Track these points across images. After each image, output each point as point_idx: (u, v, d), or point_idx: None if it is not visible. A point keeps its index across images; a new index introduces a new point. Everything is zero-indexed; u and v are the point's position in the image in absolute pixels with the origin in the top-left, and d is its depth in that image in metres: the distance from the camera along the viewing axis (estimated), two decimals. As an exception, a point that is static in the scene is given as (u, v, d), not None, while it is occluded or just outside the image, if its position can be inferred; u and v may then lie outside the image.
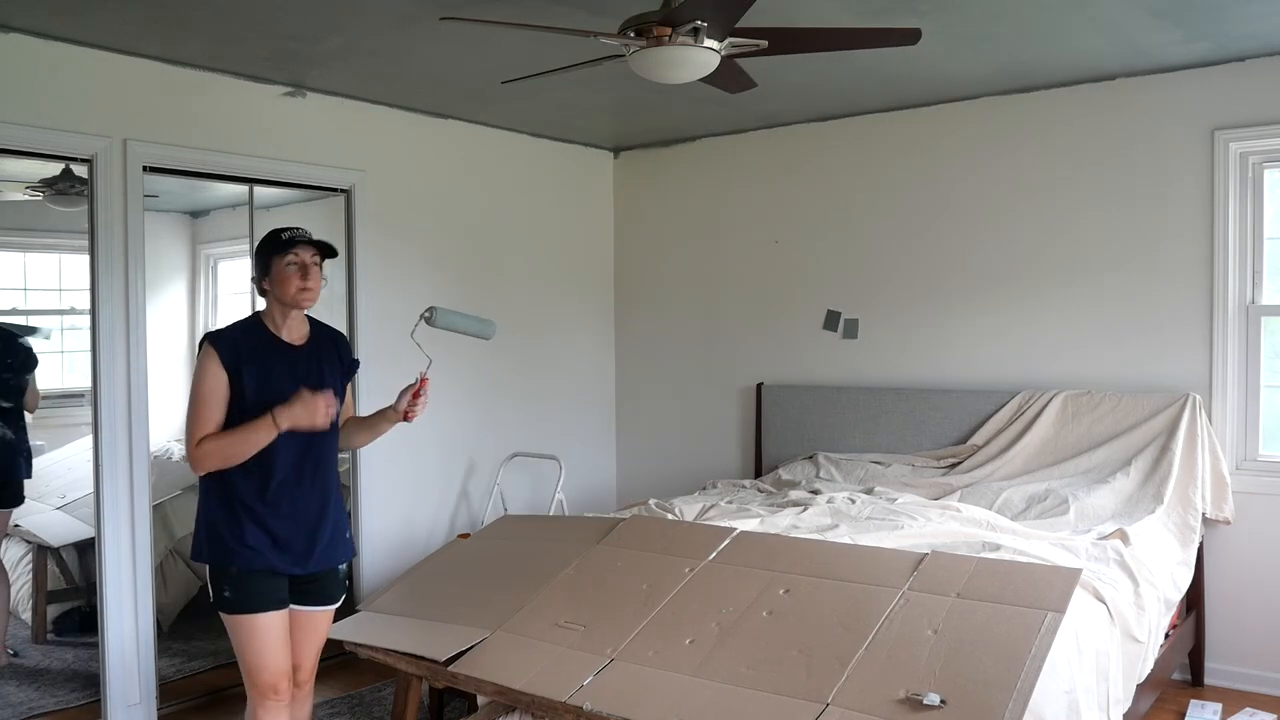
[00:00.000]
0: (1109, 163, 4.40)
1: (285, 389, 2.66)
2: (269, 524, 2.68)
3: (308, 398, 2.64)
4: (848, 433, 5.02)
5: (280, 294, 2.73)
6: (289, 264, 2.71)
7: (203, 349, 2.68)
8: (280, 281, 2.72)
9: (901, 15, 3.45)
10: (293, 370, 2.74)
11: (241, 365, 2.65)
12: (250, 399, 2.64)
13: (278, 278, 2.72)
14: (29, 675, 4.20)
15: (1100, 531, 3.63)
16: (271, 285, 2.73)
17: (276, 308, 2.77)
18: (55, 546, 4.46)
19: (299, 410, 2.62)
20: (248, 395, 2.64)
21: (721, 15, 2.71)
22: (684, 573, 3.17)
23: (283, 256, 2.71)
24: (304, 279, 2.71)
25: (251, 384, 2.65)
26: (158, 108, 3.95)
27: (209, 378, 2.64)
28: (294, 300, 2.73)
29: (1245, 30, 3.73)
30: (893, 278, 5.01)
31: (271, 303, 2.77)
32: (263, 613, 2.70)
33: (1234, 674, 4.19)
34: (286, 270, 2.71)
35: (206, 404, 2.63)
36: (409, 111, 4.86)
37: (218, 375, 2.64)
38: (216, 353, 2.65)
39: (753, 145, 5.46)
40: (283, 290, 2.72)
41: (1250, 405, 4.19)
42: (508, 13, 3.35)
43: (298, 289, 2.71)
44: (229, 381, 2.64)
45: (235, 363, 2.65)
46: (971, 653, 2.52)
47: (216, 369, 2.64)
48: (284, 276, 2.71)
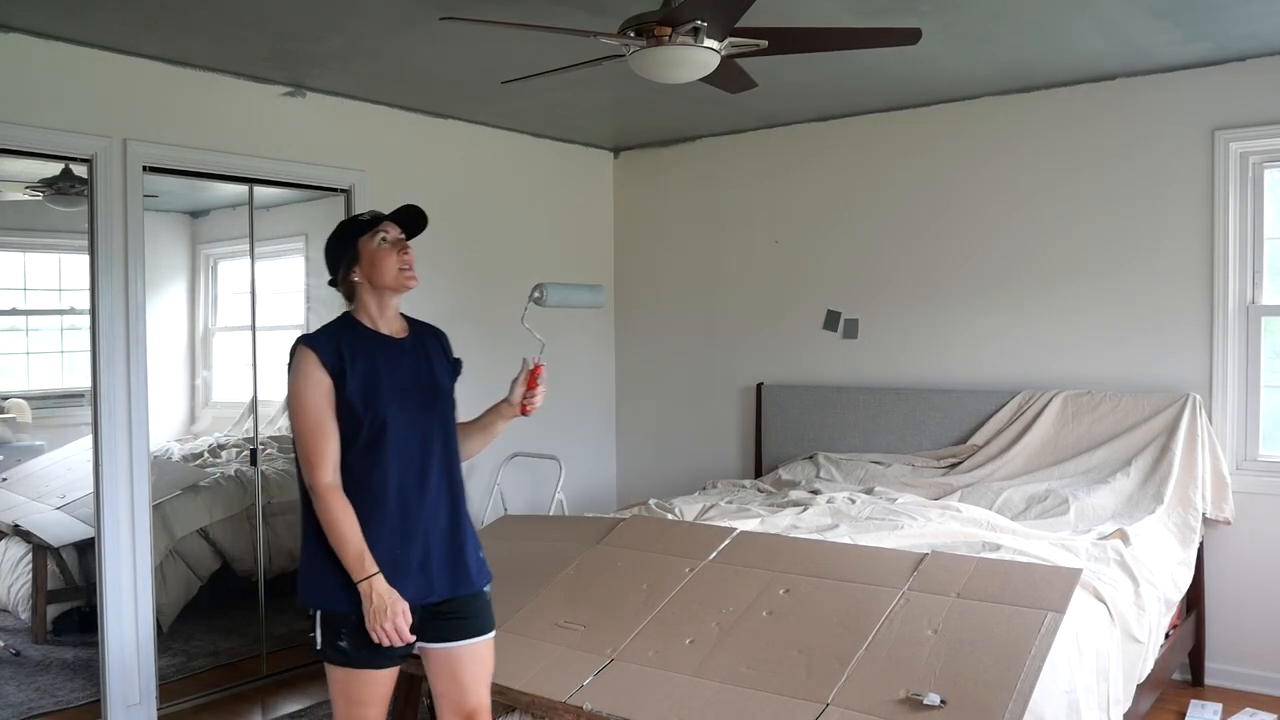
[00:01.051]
0: (1109, 163, 4.40)
1: (394, 385, 2.35)
2: (389, 546, 2.30)
3: (395, 616, 2.25)
4: (848, 433, 5.01)
5: (378, 277, 2.38)
6: (381, 240, 2.38)
7: (297, 353, 2.32)
8: (376, 263, 2.37)
9: (901, 15, 3.45)
10: (399, 366, 2.39)
11: (345, 364, 2.30)
12: (357, 400, 2.30)
13: (371, 260, 2.37)
14: (29, 675, 4.20)
15: (1100, 531, 3.63)
16: (364, 271, 2.38)
17: (371, 298, 2.41)
18: (55, 546, 4.46)
19: (378, 609, 2.23)
20: (352, 396, 2.29)
21: (721, 15, 2.71)
22: (684, 573, 3.17)
23: (372, 236, 2.38)
24: (405, 254, 2.39)
25: (356, 382, 2.30)
26: (158, 108, 3.95)
27: (312, 388, 2.28)
28: (396, 282, 2.38)
29: (1245, 30, 3.73)
30: (893, 278, 5.01)
31: (364, 294, 2.41)
32: (384, 669, 2.33)
33: (1234, 674, 4.19)
34: (380, 249, 2.37)
35: (320, 431, 2.28)
36: (409, 111, 4.86)
37: (320, 382, 2.29)
38: (316, 355, 2.30)
39: (753, 145, 5.46)
40: (380, 272, 2.37)
41: (1250, 405, 4.19)
42: (508, 13, 3.35)
43: (399, 267, 2.38)
44: (333, 386, 2.30)
45: (338, 363, 2.30)
46: (971, 653, 2.52)
47: (318, 374, 2.29)
48: (379, 256, 2.37)
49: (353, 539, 2.25)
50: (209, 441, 4.96)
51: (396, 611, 2.24)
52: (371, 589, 2.23)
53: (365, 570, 2.23)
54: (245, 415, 4.74)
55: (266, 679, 4.44)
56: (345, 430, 2.30)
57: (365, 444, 2.31)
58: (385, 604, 2.23)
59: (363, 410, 2.29)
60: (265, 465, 4.77)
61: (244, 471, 4.73)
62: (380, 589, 2.23)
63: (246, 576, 4.66)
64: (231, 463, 4.81)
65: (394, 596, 2.24)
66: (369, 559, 2.24)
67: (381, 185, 4.75)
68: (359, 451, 2.31)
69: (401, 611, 2.25)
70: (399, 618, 2.24)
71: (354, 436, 2.31)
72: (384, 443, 2.31)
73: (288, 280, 5.07)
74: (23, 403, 4.65)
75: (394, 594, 2.24)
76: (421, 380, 2.41)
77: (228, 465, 4.80)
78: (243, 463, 4.75)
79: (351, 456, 2.31)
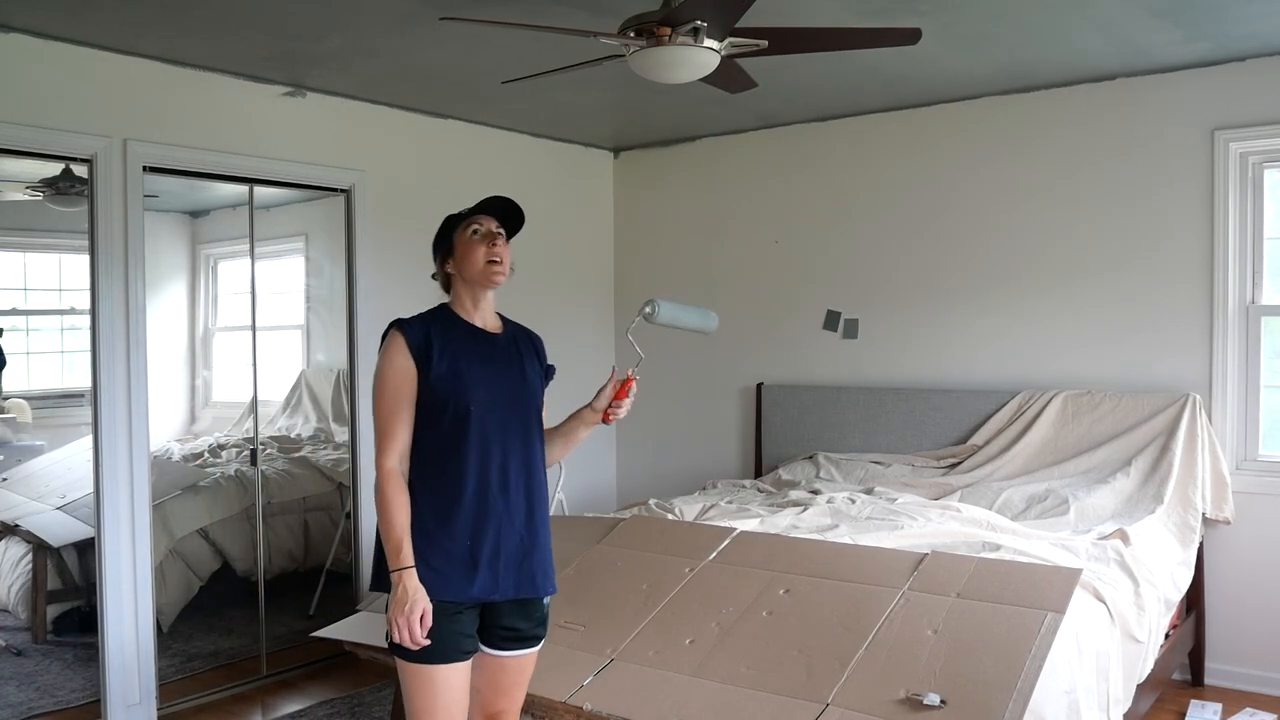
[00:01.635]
0: (1109, 163, 4.40)
1: (481, 378, 2.33)
2: (462, 537, 2.28)
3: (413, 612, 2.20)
4: (848, 433, 5.01)
5: (466, 270, 2.36)
6: (473, 232, 2.36)
7: (388, 336, 2.33)
8: (465, 256, 2.35)
9: (901, 15, 3.45)
10: (489, 359, 2.37)
11: (431, 350, 2.29)
12: (442, 386, 2.28)
13: (462, 253, 2.36)
14: (29, 675, 4.19)
15: (1100, 531, 3.63)
16: (456, 264, 2.38)
17: (465, 290, 2.40)
18: (55, 546, 4.45)
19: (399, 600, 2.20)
20: (437, 381, 2.28)
21: (721, 15, 2.71)
22: (684, 573, 3.17)
23: (465, 228, 2.37)
24: (492, 247, 2.35)
25: (443, 368, 2.28)
26: (157, 108, 3.95)
27: (394, 371, 2.29)
28: (482, 275, 2.35)
29: (1245, 30, 3.72)
30: (893, 278, 5.01)
31: (458, 286, 2.41)
32: (451, 664, 2.27)
33: (1234, 674, 4.19)
34: (470, 240, 2.35)
35: (394, 415, 2.28)
36: (409, 111, 4.86)
37: (403, 367, 2.29)
38: (404, 338, 2.30)
39: (753, 145, 5.45)
40: (469, 265, 2.35)
41: (1250, 405, 4.18)
42: (508, 13, 3.35)
43: (485, 261, 2.34)
44: (416, 371, 2.29)
45: (424, 348, 2.29)
46: (971, 653, 2.52)
47: (403, 360, 2.29)
48: (469, 248, 2.35)
49: (398, 526, 2.24)
50: (209, 441, 4.95)
51: (417, 610, 2.20)
52: (401, 580, 2.21)
53: (401, 561, 2.22)
54: (245, 415, 4.74)
55: (266, 679, 4.44)
56: (427, 415, 2.29)
57: (447, 431, 2.29)
58: (409, 599, 2.20)
59: (446, 396, 2.28)
60: (265, 465, 4.77)
61: (244, 471, 4.72)
62: (409, 583, 2.21)
63: (246, 576, 4.66)
64: (231, 463, 4.80)
65: (420, 595, 2.21)
66: (408, 551, 2.23)
67: (381, 185, 4.76)
68: (440, 438, 2.29)
69: (423, 612, 2.20)
70: (417, 616, 2.20)
71: (436, 422, 2.29)
72: (465, 432, 2.28)
73: (288, 280, 5.07)
74: (23, 403, 4.65)
75: (421, 592, 2.22)
76: (509, 377, 2.39)
77: (228, 465, 4.80)
78: (243, 463, 4.75)
79: (432, 442, 2.29)
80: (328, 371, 5.09)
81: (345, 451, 4.80)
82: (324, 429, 5.14)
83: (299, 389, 5.24)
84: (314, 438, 5.16)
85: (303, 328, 5.17)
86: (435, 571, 2.24)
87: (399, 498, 2.26)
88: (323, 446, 5.10)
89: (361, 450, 4.66)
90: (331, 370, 5.05)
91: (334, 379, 5.04)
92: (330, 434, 5.09)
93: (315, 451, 5.10)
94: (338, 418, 5.00)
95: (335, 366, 4.98)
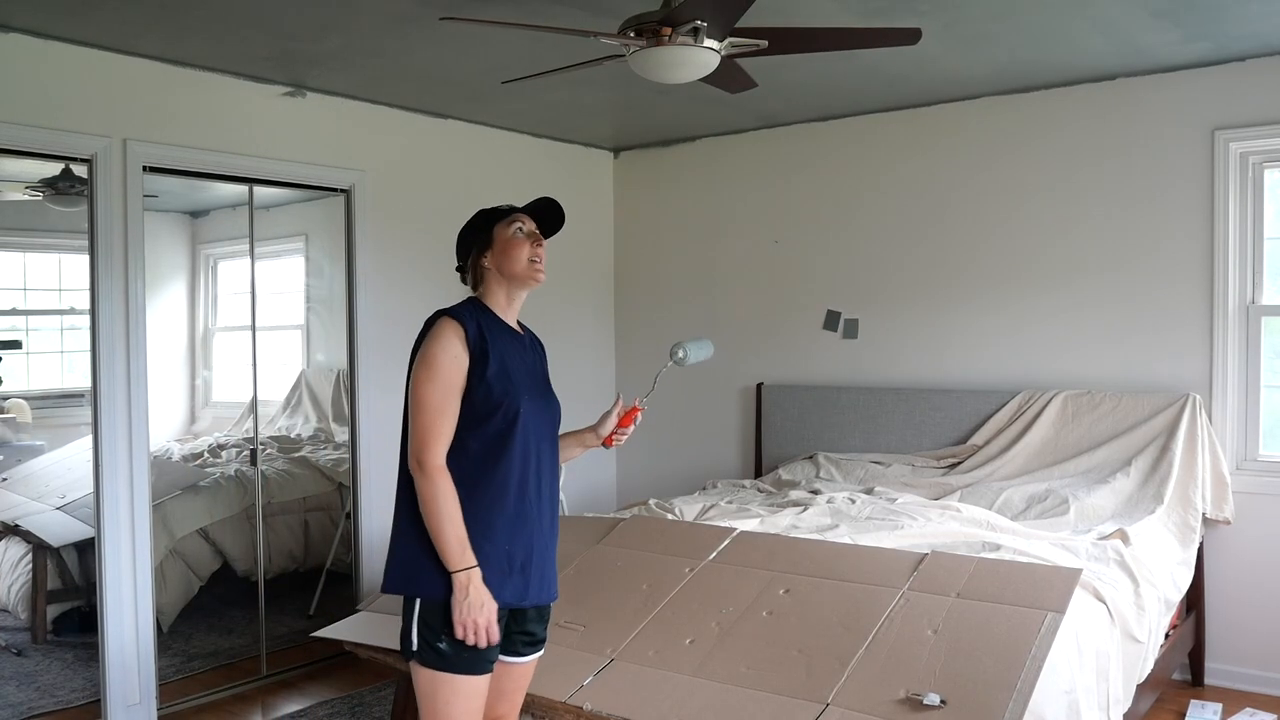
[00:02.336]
0: (1109, 163, 4.40)
1: (527, 376, 2.28)
2: (501, 543, 2.20)
3: (490, 613, 2.14)
4: (848, 433, 5.01)
5: (508, 265, 2.28)
6: (517, 230, 2.30)
7: (438, 324, 2.20)
8: (508, 251, 2.28)
9: (901, 15, 3.45)
10: (524, 359, 2.32)
11: (486, 344, 2.20)
12: (497, 384, 2.19)
13: (504, 248, 2.28)
14: (29, 675, 4.19)
15: (1100, 531, 3.63)
16: (495, 258, 2.29)
17: (500, 287, 2.31)
18: (55, 546, 4.45)
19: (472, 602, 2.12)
20: (493, 379, 2.18)
21: (721, 15, 2.71)
22: (684, 573, 3.17)
23: (508, 224, 2.30)
24: (537, 247, 2.30)
25: (497, 366, 2.20)
26: (157, 108, 3.95)
27: (449, 360, 2.16)
28: (525, 274, 2.29)
29: (1245, 30, 3.72)
30: (893, 278, 5.01)
31: (493, 282, 2.31)
32: (481, 675, 2.19)
33: (1234, 674, 4.19)
34: (515, 238, 2.29)
35: (443, 408, 2.15)
36: (409, 111, 4.86)
37: (459, 358, 2.17)
38: (462, 328, 2.19)
39: (753, 145, 5.45)
40: (511, 262, 2.28)
41: (1250, 405, 4.18)
42: (507, 13, 3.35)
43: (529, 260, 2.28)
44: (469, 366, 2.18)
45: (480, 342, 2.20)
46: (971, 653, 2.52)
47: (459, 349, 2.17)
48: (513, 245, 2.28)
49: (457, 523, 2.13)
50: (209, 441, 4.95)
51: (492, 610, 2.13)
52: (469, 581, 2.11)
53: (466, 560, 2.12)
54: (245, 415, 4.74)
55: (266, 679, 4.44)
56: (475, 414, 2.19)
57: (495, 433, 2.19)
58: (482, 599, 2.11)
59: (499, 396, 2.19)
60: (265, 465, 4.77)
61: (244, 471, 4.73)
62: (479, 583, 2.12)
63: (246, 576, 4.66)
64: (231, 463, 4.81)
65: (489, 595, 2.13)
66: (469, 548, 2.13)
67: (381, 185, 4.76)
68: (487, 440, 2.20)
69: (493, 610, 2.14)
70: (492, 616, 2.13)
71: (484, 422, 2.19)
72: (513, 434, 2.20)
73: (288, 280, 5.08)
74: (23, 403, 4.65)
75: (488, 593, 2.13)
76: (539, 379, 2.35)
77: (228, 465, 4.80)
78: (243, 463, 4.75)
79: (478, 443, 2.19)
80: (328, 371, 5.09)
81: (345, 451, 4.80)
82: (324, 429, 5.14)
83: (299, 389, 5.24)
84: (314, 438, 5.17)
85: (303, 328, 5.17)
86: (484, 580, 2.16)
87: (452, 495, 2.14)
88: (323, 446, 5.10)
89: (361, 450, 4.66)
90: (331, 370, 5.05)
91: (334, 379, 5.04)
92: (330, 434, 5.09)
93: (315, 451, 5.10)
94: (338, 418, 5.00)
95: (335, 366, 4.98)
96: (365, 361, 4.67)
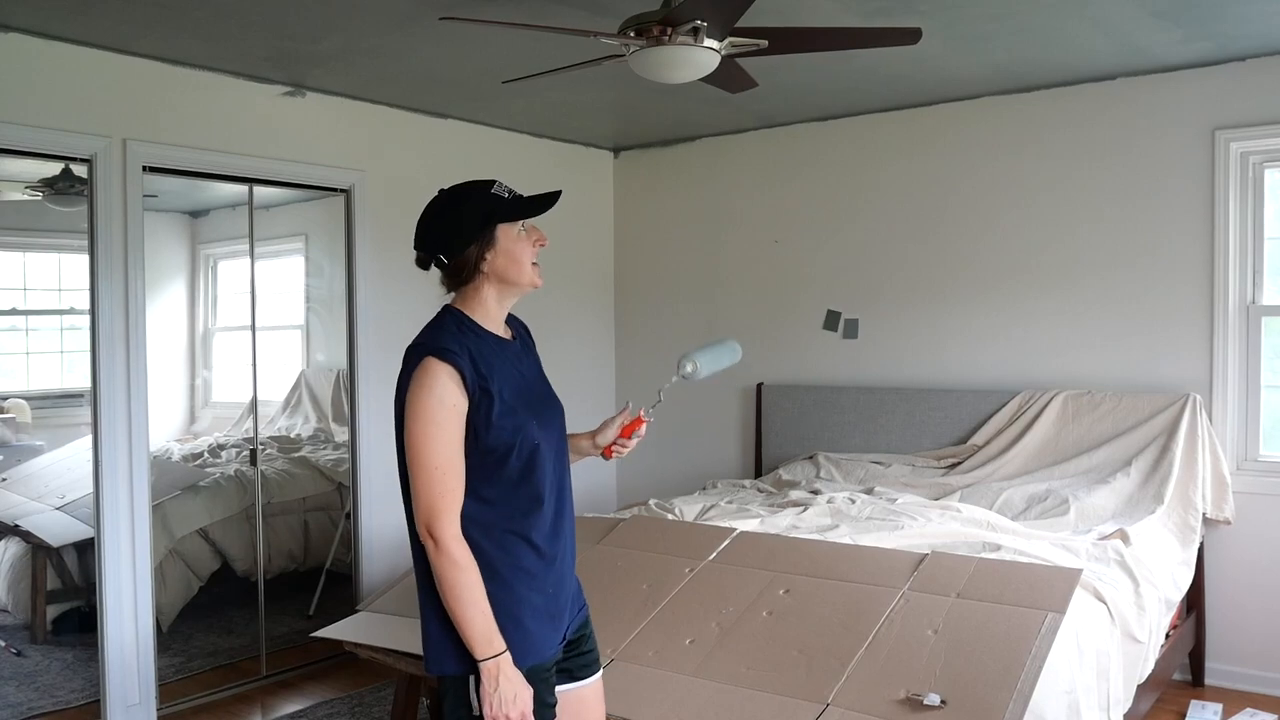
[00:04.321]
0: (1109, 163, 4.40)
1: (528, 398, 2.01)
2: (546, 595, 1.99)
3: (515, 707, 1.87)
4: (848, 433, 5.01)
5: (512, 271, 1.99)
6: (521, 229, 2.02)
7: (425, 368, 1.88)
8: (513, 256, 1.98)
9: (901, 15, 3.45)
10: (519, 372, 2.03)
11: (487, 382, 1.91)
12: (506, 425, 1.92)
13: (508, 252, 1.98)
14: (29, 675, 4.19)
15: (1100, 531, 3.63)
16: (494, 262, 1.98)
17: (493, 292, 2.01)
18: (55, 546, 4.45)
19: (504, 697, 1.86)
20: (500, 420, 1.91)
21: (721, 15, 2.71)
22: (684, 573, 3.17)
23: (513, 224, 2.00)
24: (537, 247, 2.05)
25: (503, 403, 1.92)
26: (157, 108, 3.95)
27: (447, 414, 1.87)
28: (530, 281, 2.02)
29: (1245, 30, 3.72)
30: (893, 278, 5.01)
31: (486, 287, 2.00)
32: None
33: (1234, 674, 4.19)
34: (519, 239, 2.00)
35: (450, 469, 1.87)
36: (409, 111, 4.86)
37: (458, 408, 1.88)
38: (459, 373, 1.88)
39: (753, 145, 5.45)
40: (516, 267, 1.99)
41: (1250, 405, 4.18)
42: (508, 13, 3.35)
43: (533, 266, 2.03)
44: (468, 410, 1.90)
45: (478, 380, 1.90)
46: (971, 653, 2.52)
47: (456, 397, 1.88)
48: (518, 247, 1.99)
49: (479, 604, 1.86)
50: (209, 441, 4.96)
51: (527, 699, 1.89)
52: (499, 670, 1.86)
53: (495, 646, 1.87)
54: (245, 415, 4.74)
55: (266, 679, 4.44)
56: (488, 462, 1.92)
57: (515, 475, 1.94)
58: (515, 690, 1.87)
59: (511, 435, 1.92)
60: (265, 465, 4.77)
61: (244, 471, 4.73)
62: (510, 671, 1.87)
63: (246, 576, 4.66)
64: (231, 463, 4.81)
65: (523, 681, 1.89)
66: (497, 632, 1.88)
67: (381, 185, 4.75)
68: (508, 485, 1.94)
69: (528, 699, 1.89)
70: (529, 704, 1.89)
71: (500, 468, 1.93)
72: (535, 473, 1.96)
73: (288, 280, 5.08)
74: (23, 403, 4.65)
75: (521, 677, 1.89)
76: (539, 389, 2.09)
77: (227, 465, 4.80)
78: (242, 463, 4.75)
79: (497, 491, 1.94)
80: (328, 371, 5.10)
81: (345, 451, 4.79)
82: (324, 429, 5.14)
83: (299, 389, 5.24)
84: (314, 438, 5.17)
85: (303, 328, 5.17)
86: (528, 633, 1.93)
87: (473, 570, 1.88)
88: (323, 446, 5.10)
89: (361, 450, 4.66)
90: (331, 370, 5.05)
91: (334, 379, 5.04)
92: (330, 434, 5.09)
93: (315, 451, 5.10)
94: (337, 418, 5.00)
95: (335, 366, 4.98)
96: (365, 361, 4.67)
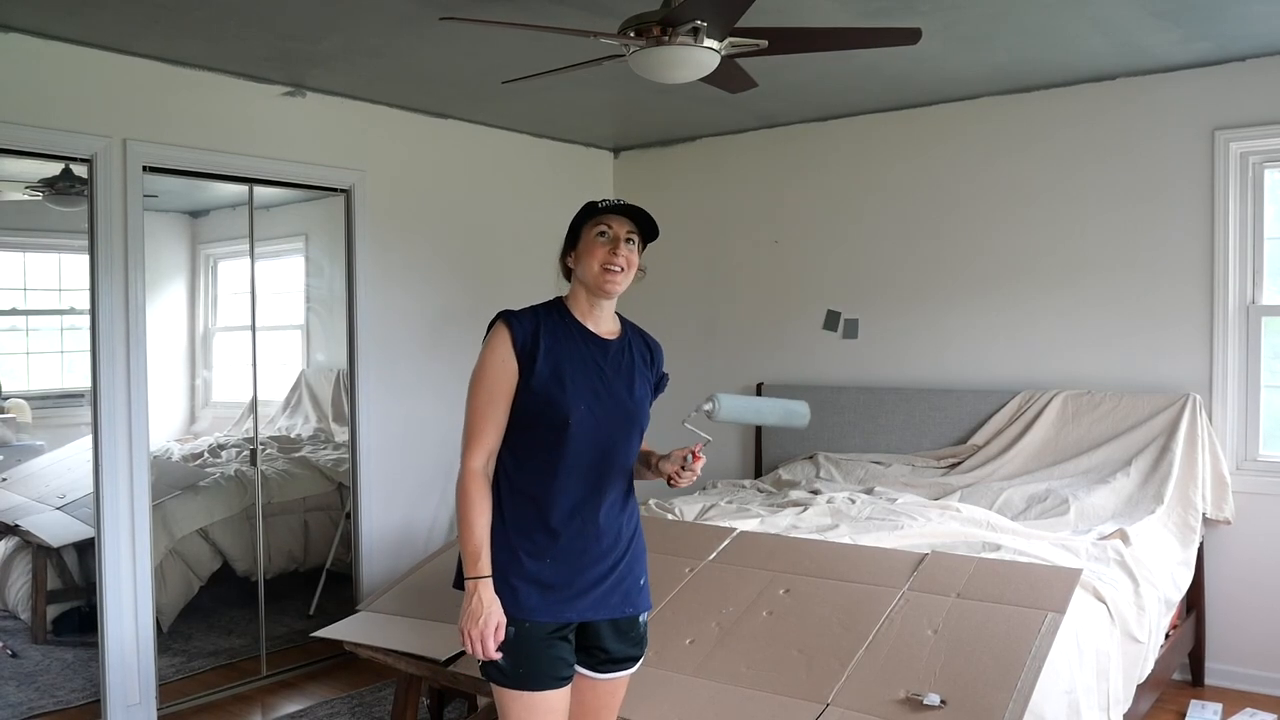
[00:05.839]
0: (1109, 163, 4.40)
1: (587, 385, 2.16)
2: (545, 559, 2.15)
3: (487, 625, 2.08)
4: (848, 433, 5.01)
5: (583, 270, 2.19)
6: (599, 233, 2.17)
7: (493, 328, 2.17)
8: (585, 255, 2.18)
9: (901, 15, 3.45)
10: (599, 366, 2.19)
11: (537, 349, 2.13)
12: (542, 389, 2.12)
13: (583, 251, 2.18)
14: (29, 675, 4.19)
15: (1100, 531, 3.63)
16: (576, 259, 2.21)
17: (581, 291, 2.23)
18: (55, 546, 4.46)
19: (472, 612, 2.08)
20: (538, 384, 2.12)
21: (721, 15, 2.71)
22: (684, 573, 3.17)
23: (593, 225, 2.18)
24: (613, 254, 2.16)
25: (546, 371, 2.12)
26: (157, 107, 3.95)
27: (493, 365, 2.13)
28: (595, 281, 2.17)
29: (1245, 30, 3.72)
30: (893, 278, 5.01)
31: (575, 285, 2.24)
32: (547, 690, 2.13)
33: (1234, 674, 4.19)
34: (595, 241, 2.17)
35: (485, 412, 2.13)
36: (409, 111, 4.86)
37: (505, 363, 2.13)
38: (509, 331, 2.14)
39: (753, 145, 5.45)
40: (586, 266, 2.17)
41: (1250, 405, 4.18)
42: (507, 13, 3.35)
43: (602, 266, 2.16)
44: (517, 370, 2.13)
45: (529, 345, 2.13)
46: (971, 653, 2.52)
47: (505, 354, 2.13)
48: (590, 249, 2.17)
49: (478, 531, 2.10)
50: (209, 441, 4.96)
51: (490, 623, 2.07)
52: (475, 590, 2.08)
53: (478, 569, 2.09)
54: (245, 415, 4.74)
55: (266, 679, 4.44)
56: (523, 421, 2.14)
57: (542, 442, 2.14)
58: (482, 611, 2.07)
59: (543, 405, 2.12)
60: (265, 465, 4.77)
61: (244, 471, 4.73)
62: (485, 594, 2.08)
63: (246, 576, 4.66)
64: (231, 463, 4.81)
65: (495, 607, 2.09)
66: (486, 559, 2.10)
67: (381, 185, 4.76)
68: (533, 448, 2.15)
69: (496, 626, 2.08)
70: (491, 629, 2.07)
71: (530, 430, 2.15)
72: (564, 443, 2.13)
73: (288, 280, 5.07)
74: (23, 403, 4.65)
75: (496, 604, 2.09)
76: (616, 388, 2.21)
77: (227, 465, 4.80)
78: (243, 463, 4.75)
79: (524, 450, 2.16)
80: (328, 371, 5.09)
81: (345, 451, 4.80)
82: (324, 429, 5.14)
83: (299, 389, 5.24)
84: (314, 438, 5.17)
85: (303, 328, 5.17)
86: (513, 590, 2.11)
87: (481, 502, 2.12)
88: (323, 446, 5.10)
89: (361, 450, 4.67)
90: (331, 370, 5.05)
91: (334, 379, 5.04)
92: (330, 434, 5.09)
93: (315, 451, 5.10)
94: (338, 418, 5.00)
95: (335, 366, 4.98)
96: (365, 361, 4.67)
